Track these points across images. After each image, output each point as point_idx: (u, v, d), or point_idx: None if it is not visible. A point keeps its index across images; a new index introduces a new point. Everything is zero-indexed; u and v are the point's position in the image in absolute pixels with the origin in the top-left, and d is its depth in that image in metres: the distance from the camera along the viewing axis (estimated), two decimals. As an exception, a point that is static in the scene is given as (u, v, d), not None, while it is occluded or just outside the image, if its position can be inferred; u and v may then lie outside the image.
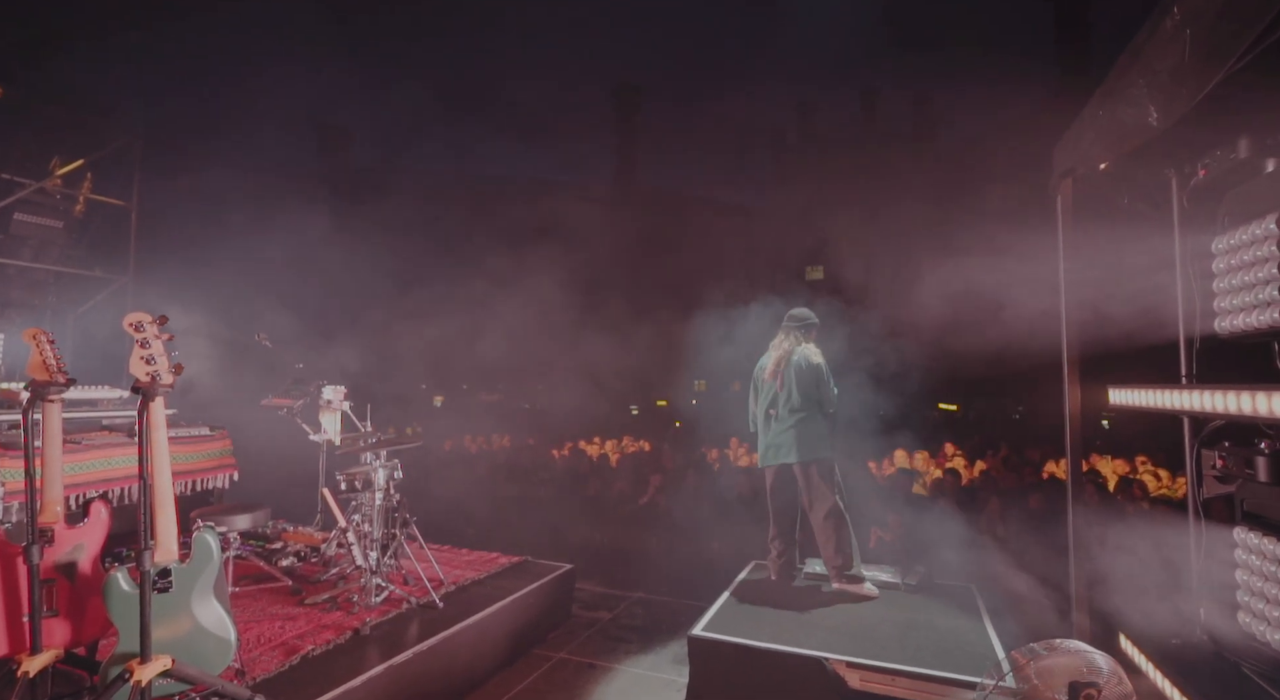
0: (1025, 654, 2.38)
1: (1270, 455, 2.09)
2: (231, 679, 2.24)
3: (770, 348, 4.06)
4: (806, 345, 3.91)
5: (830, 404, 3.85)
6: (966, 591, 3.81)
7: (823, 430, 3.81)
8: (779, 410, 3.86)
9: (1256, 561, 2.22)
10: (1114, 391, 2.94)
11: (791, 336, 3.96)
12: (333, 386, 4.38)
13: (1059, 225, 3.14)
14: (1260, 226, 2.17)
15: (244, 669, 2.38)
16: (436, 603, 3.32)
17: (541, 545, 5.60)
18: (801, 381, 3.81)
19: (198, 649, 2.00)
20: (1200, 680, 2.31)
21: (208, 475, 4.30)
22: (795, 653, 2.89)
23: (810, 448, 3.75)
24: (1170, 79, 1.88)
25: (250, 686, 2.27)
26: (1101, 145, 2.47)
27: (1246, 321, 2.28)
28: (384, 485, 3.57)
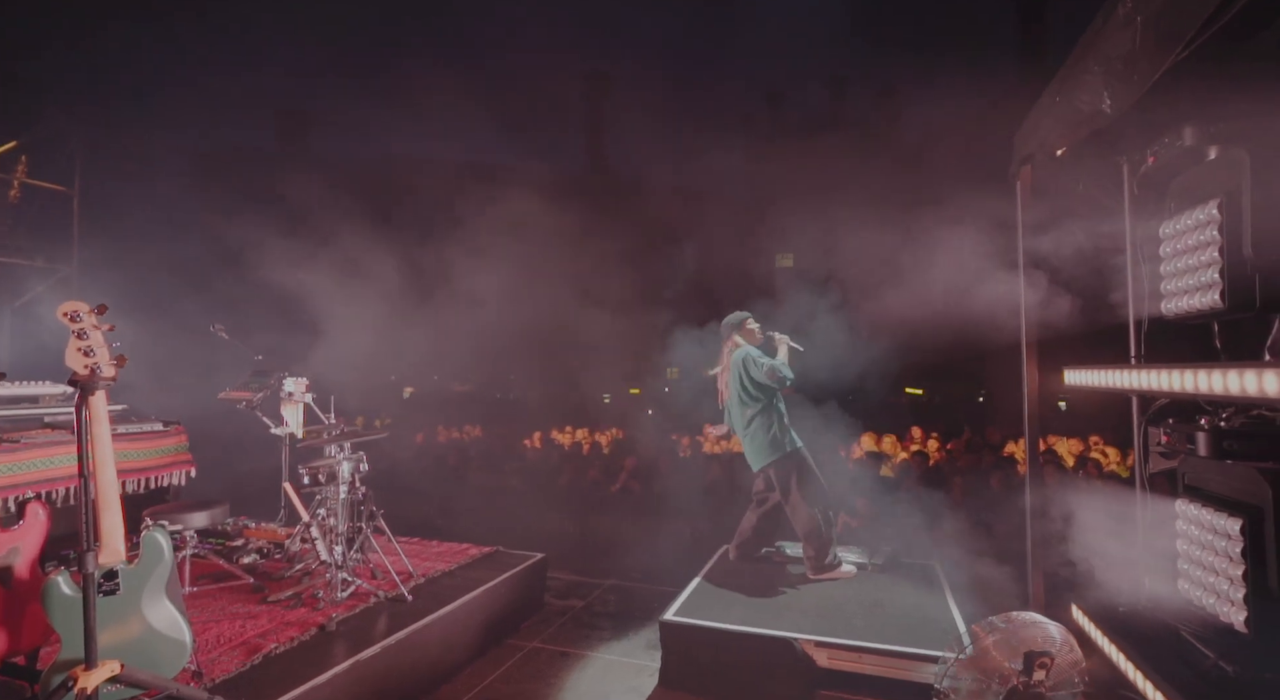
0: (984, 627, 2.46)
1: (1209, 430, 2.17)
2: (188, 681, 2.17)
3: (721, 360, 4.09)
4: (739, 347, 3.91)
5: (774, 378, 3.67)
6: (930, 569, 3.92)
7: (775, 431, 3.77)
8: (737, 418, 3.91)
9: (1195, 531, 2.33)
10: (1069, 372, 3.04)
11: (725, 345, 4.01)
12: (294, 378, 4.25)
13: (1018, 210, 3.21)
14: (1203, 211, 2.25)
15: (201, 670, 2.31)
16: (405, 596, 3.28)
17: (514, 535, 5.56)
18: (736, 386, 3.85)
19: (150, 652, 1.93)
20: (1142, 644, 2.43)
21: (162, 472, 4.15)
22: (765, 634, 2.94)
23: (763, 452, 3.79)
24: (1122, 66, 1.92)
25: (208, 688, 2.20)
26: (1058, 132, 2.52)
27: (1190, 304, 2.37)
28: (349, 478, 3.50)
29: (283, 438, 4.46)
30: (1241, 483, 2.17)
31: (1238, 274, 2.11)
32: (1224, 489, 2.28)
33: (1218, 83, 2.17)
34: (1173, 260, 2.46)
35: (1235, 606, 2.08)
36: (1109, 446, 7.50)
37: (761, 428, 3.79)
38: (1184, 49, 1.65)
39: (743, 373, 3.81)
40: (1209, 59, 1.97)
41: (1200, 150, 2.32)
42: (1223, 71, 2.09)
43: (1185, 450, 2.30)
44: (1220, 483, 2.30)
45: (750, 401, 3.81)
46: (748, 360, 3.80)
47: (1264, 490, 2.03)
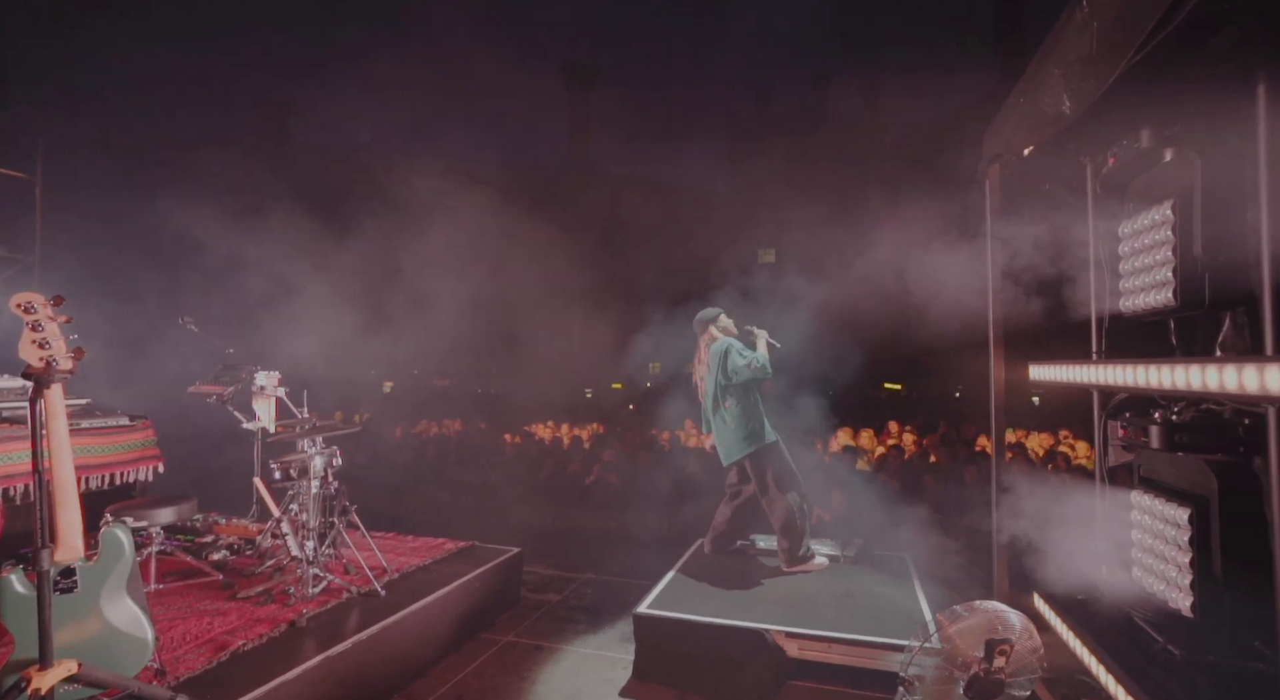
0: (948, 616, 2.52)
1: (1162, 424, 2.25)
2: (150, 680, 2.15)
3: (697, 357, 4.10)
4: (716, 340, 3.91)
5: (750, 372, 3.70)
6: (901, 561, 3.99)
7: (752, 424, 3.80)
8: (715, 412, 3.91)
9: (1148, 521, 2.40)
10: (1034, 368, 3.11)
11: (701, 340, 4.01)
12: (266, 372, 4.20)
13: (987, 208, 3.27)
14: (1158, 212, 2.32)
15: (164, 669, 2.28)
16: (378, 591, 3.26)
17: (493, 530, 5.56)
18: (713, 379, 3.85)
19: (110, 651, 1.91)
20: (1097, 630, 2.51)
21: (128, 468, 4.07)
22: (737, 626, 2.98)
23: (740, 444, 3.80)
24: (1081, 69, 1.97)
25: (172, 686, 2.18)
26: (1023, 132, 2.58)
27: (1145, 301, 2.44)
28: (321, 473, 3.47)
29: (255, 432, 4.40)
30: (1191, 474, 2.24)
31: (1189, 273, 2.18)
32: (1175, 480, 2.35)
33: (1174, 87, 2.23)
34: (1130, 259, 2.53)
35: (1182, 592, 2.16)
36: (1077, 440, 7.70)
37: (739, 420, 3.80)
38: (1136, 53, 1.69)
39: (723, 364, 3.81)
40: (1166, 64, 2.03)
41: (1156, 152, 2.39)
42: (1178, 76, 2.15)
43: (1140, 443, 2.37)
44: (1172, 474, 2.38)
45: (726, 394, 3.83)
46: (730, 351, 3.80)
47: (1210, 481, 2.10)
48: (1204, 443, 2.13)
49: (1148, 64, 1.97)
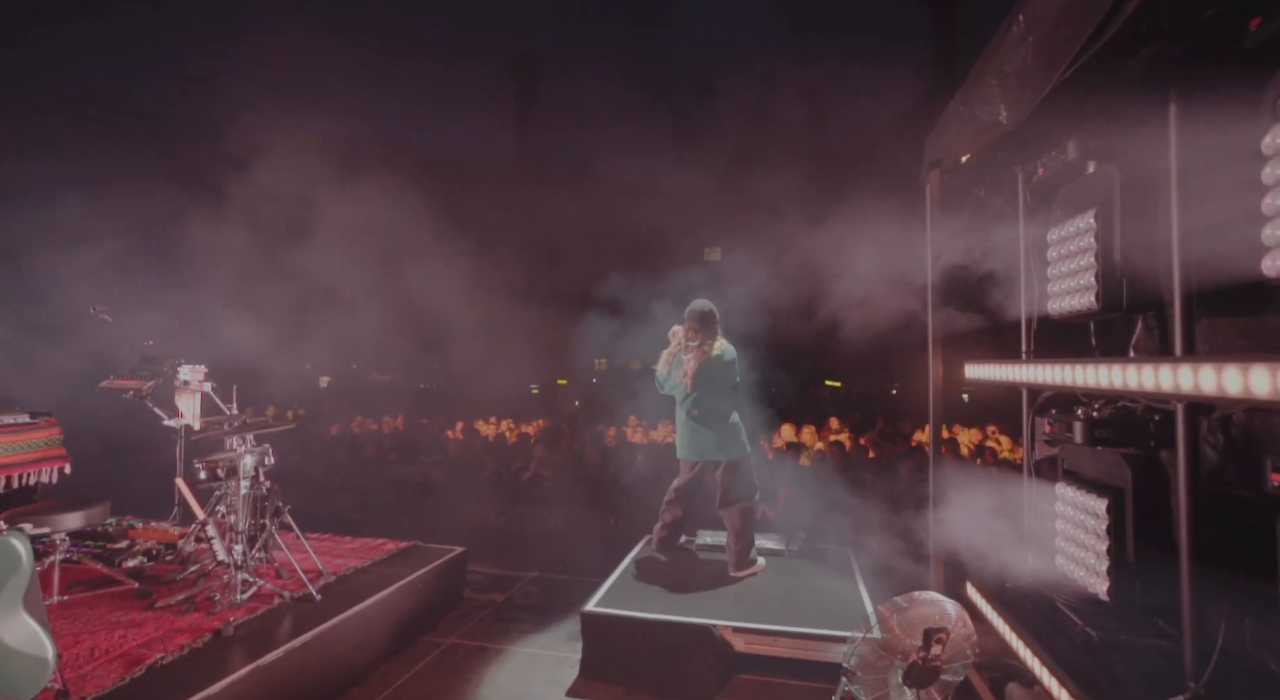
0: (889, 607, 2.60)
1: (1084, 420, 2.39)
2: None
3: (676, 340, 3.94)
4: (718, 341, 3.83)
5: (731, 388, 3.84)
6: (843, 554, 4.11)
7: (740, 426, 3.84)
8: (698, 410, 3.79)
9: (1070, 511, 2.56)
10: (970, 367, 3.26)
11: (700, 333, 3.80)
12: (191, 365, 3.93)
13: (927, 213, 3.39)
14: (1083, 220, 2.46)
15: (67, 689, 2.08)
16: (313, 595, 3.11)
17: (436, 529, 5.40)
18: (717, 381, 3.77)
19: (3, 673, 1.73)
20: (1024, 615, 2.65)
21: (29, 469, 3.73)
22: (684, 622, 3.00)
23: (733, 447, 3.76)
24: (1017, 82, 2.06)
25: (78, 706, 2.01)
26: (961, 140, 2.68)
27: (1070, 304, 2.59)
28: (252, 472, 3.28)
29: (177, 430, 4.12)
30: (1109, 467, 2.40)
31: (1109, 278, 2.32)
32: (1095, 472, 2.51)
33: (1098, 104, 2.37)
34: (1057, 264, 2.68)
35: (1100, 578, 2.30)
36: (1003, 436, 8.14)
37: (731, 426, 3.79)
38: (1067, 69, 1.78)
39: (729, 371, 3.79)
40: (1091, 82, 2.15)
41: (1081, 164, 2.53)
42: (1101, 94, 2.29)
43: (1065, 438, 2.51)
44: (1092, 467, 2.54)
45: (728, 397, 3.81)
46: (738, 367, 3.83)
47: (1125, 473, 2.25)
48: (1120, 437, 2.28)
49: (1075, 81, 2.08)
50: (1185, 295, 1.90)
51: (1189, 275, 1.91)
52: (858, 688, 2.51)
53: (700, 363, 3.76)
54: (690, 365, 3.79)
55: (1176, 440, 1.89)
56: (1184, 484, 1.85)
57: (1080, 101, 2.29)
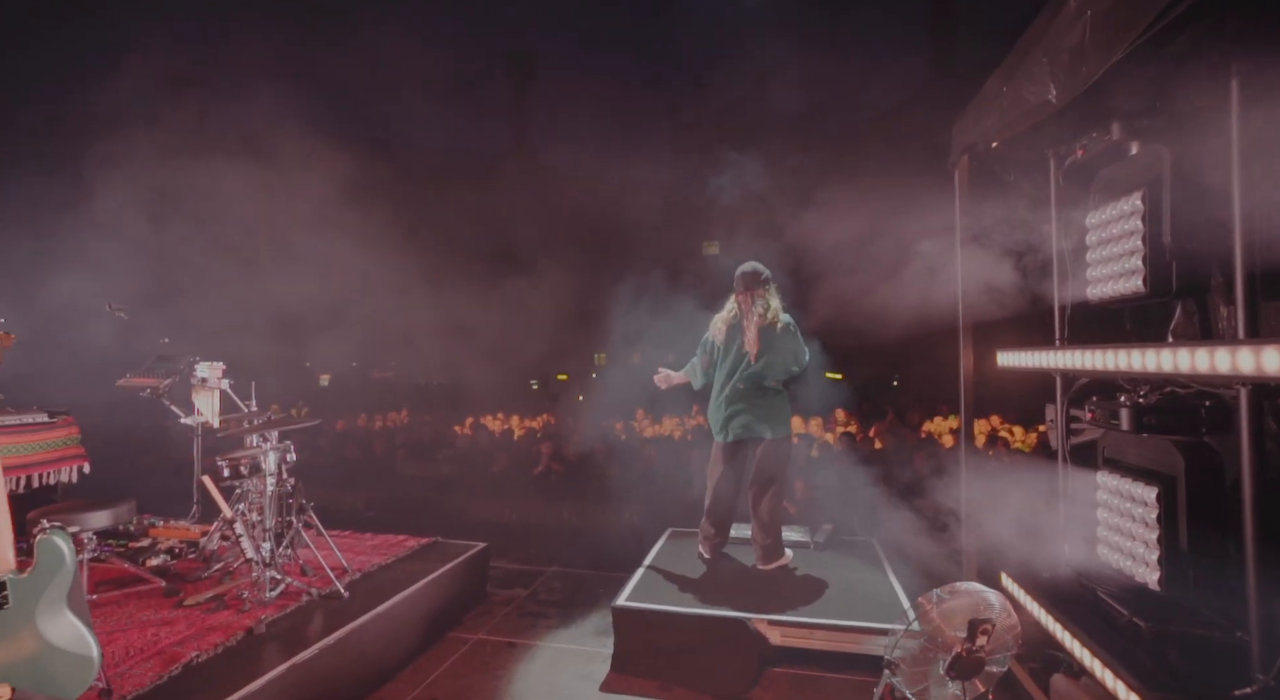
0: (929, 598, 2.57)
1: (1131, 407, 2.35)
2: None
3: (731, 311, 3.66)
4: (776, 306, 3.57)
5: (803, 364, 3.63)
6: (869, 546, 4.08)
7: (788, 403, 3.63)
8: (745, 381, 3.55)
9: (1115, 500, 2.52)
10: (1002, 355, 3.21)
11: (760, 304, 3.55)
12: (208, 363, 3.88)
13: (956, 200, 3.34)
14: (1128, 202, 2.41)
15: (110, 687, 2.06)
16: (341, 592, 3.08)
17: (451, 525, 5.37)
18: (780, 349, 3.51)
19: (48, 672, 1.69)
20: (1067, 605, 2.62)
21: (49, 468, 3.69)
22: (718, 615, 2.97)
23: (780, 424, 3.55)
24: (1069, 59, 2.01)
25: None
26: (1003, 122, 2.63)
27: (1113, 289, 2.54)
28: (275, 469, 3.24)
29: (194, 428, 4.08)
30: (1156, 454, 2.36)
31: (1158, 261, 2.27)
32: (1140, 460, 2.47)
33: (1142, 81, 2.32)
34: (1098, 248, 2.63)
35: (1150, 567, 2.27)
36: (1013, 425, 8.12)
37: (785, 399, 3.61)
38: (1133, 43, 1.73)
39: (794, 341, 3.57)
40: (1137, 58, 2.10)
41: (1125, 145, 2.48)
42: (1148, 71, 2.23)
43: (1109, 425, 2.47)
44: (1137, 455, 2.50)
45: (790, 370, 3.60)
46: (798, 329, 3.59)
47: (1177, 460, 2.21)
48: (1171, 424, 2.23)
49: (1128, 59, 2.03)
50: (1248, 276, 1.86)
51: (1251, 256, 1.87)
52: (899, 680, 2.49)
53: (760, 330, 3.51)
54: (750, 334, 3.51)
55: (1239, 425, 1.85)
56: (1248, 469, 1.81)
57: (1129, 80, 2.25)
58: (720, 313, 3.76)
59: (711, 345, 3.74)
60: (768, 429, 3.56)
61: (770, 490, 3.60)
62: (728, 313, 3.69)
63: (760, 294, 3.58)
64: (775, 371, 3.57)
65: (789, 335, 3.58)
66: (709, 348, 3.75)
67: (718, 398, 3.69)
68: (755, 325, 3.53)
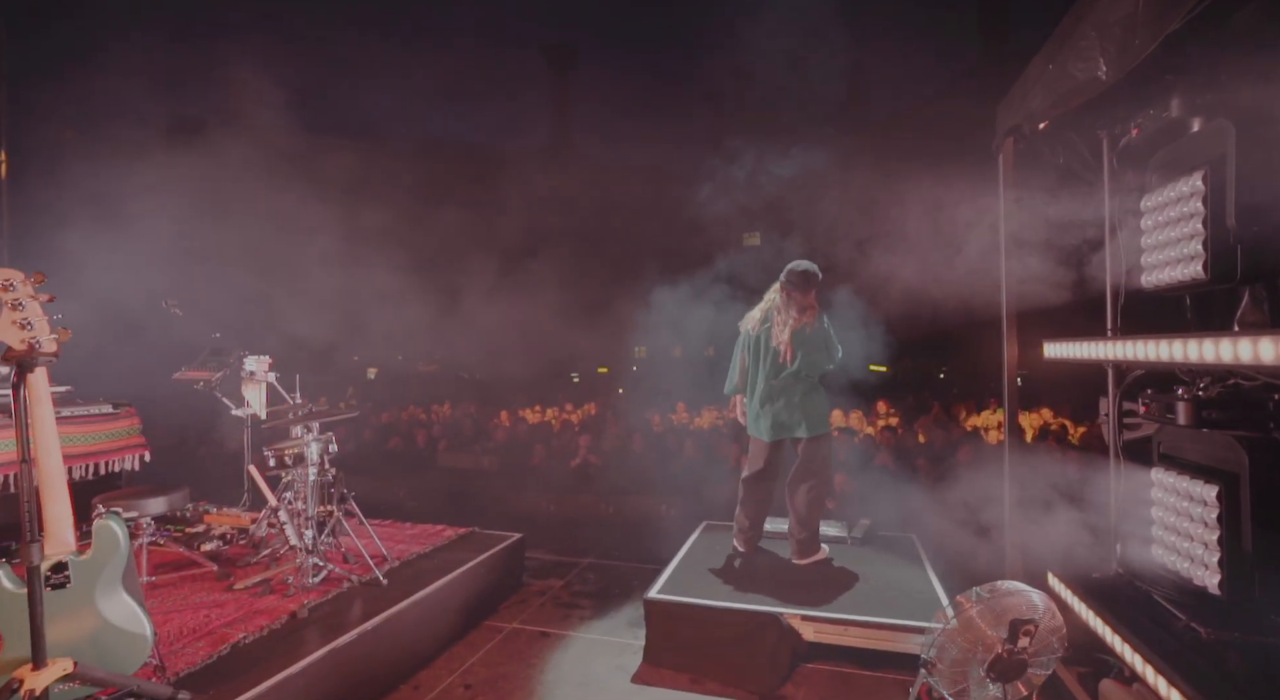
0: (969, 597, 2.49)
1: (1190, 400, 2.21)
2: (150, 676, 2.05)
3: (770, 304, 3.63)
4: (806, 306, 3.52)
5: (836, 361, 3.63)
6: (908, 542, 3.98)
7: (827, 401, 3.61)
8: (781, 380, 3.53)
9: (1172, 499, 2.38)
10: (1048, 345, 3.06)
11: (798, 298, 3.51)
12: (256, 357, 4.05)
13: (1000, 184, 3.20)
14: (1187, 183, 2.26)
15: (163, 664, 2.17)
16: (380, 579, 3.17)
17: (489, 515, 5.48)
18: (811, 346, 3.49)
19: (106, 648, 1.80)
20: (1118, 608, 2.49)
21: (113, 457, 3.91)
22: (750, 610, 2.94)
23: (818, 421, 3.53)
24: (1121, 31, 1.89)
25: (173, 682, 2.08)
26: (1049, 101, 2.50)
27: (1171, 276, 2.39)
28: (318, 460, 3.35)
29: (244, 419, 4.26)
30: (1217, 450, 2.21)
31: (1220, 245, 2.13)
32: (1200, 457, 2.33)
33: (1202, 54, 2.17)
34: (1155, 233, 2.48)
35: (1210, 570, 2.14)
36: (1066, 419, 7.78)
37: (824, 397, 3.59)
38: (1193, 10, 1.61)
39: (830, 339, 3.58)
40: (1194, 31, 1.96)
41: (1185, 122, 2.33)
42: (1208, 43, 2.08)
43: (1165, 420, 2.34)
44: (1196, 451, 2.36)
45: (823, 367, 3.58)
46: (831, 329, 3.59)
47: (1240, 457, 2.07)
48: (1233, 419, 2.10)
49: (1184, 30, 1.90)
50: (1323, 259, 1.72)
51: (1323, 238, 1.72)
52: (937, 680, 2.41)
53: (794, 333, 3.49)
54: (784, 337, 3.49)
55: (1308, 420, 1.72)
56: (1319, 468, 1.68)
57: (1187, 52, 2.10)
58: (759, 305, 3.72)
59: (747, 341, 3.71)
60: (804, 428, 3.51)
61: (808, 484, 3.55)
62: (766, 305, 3.65)
63: (805, 299, 3.52)
64: (810, 369, 3.52)
65: (821, 332, 3.54)
66: (751, 342, 3.70)
67: (754, 396, 3.66)
68: (791, 330, 3.50)
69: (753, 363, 3.67)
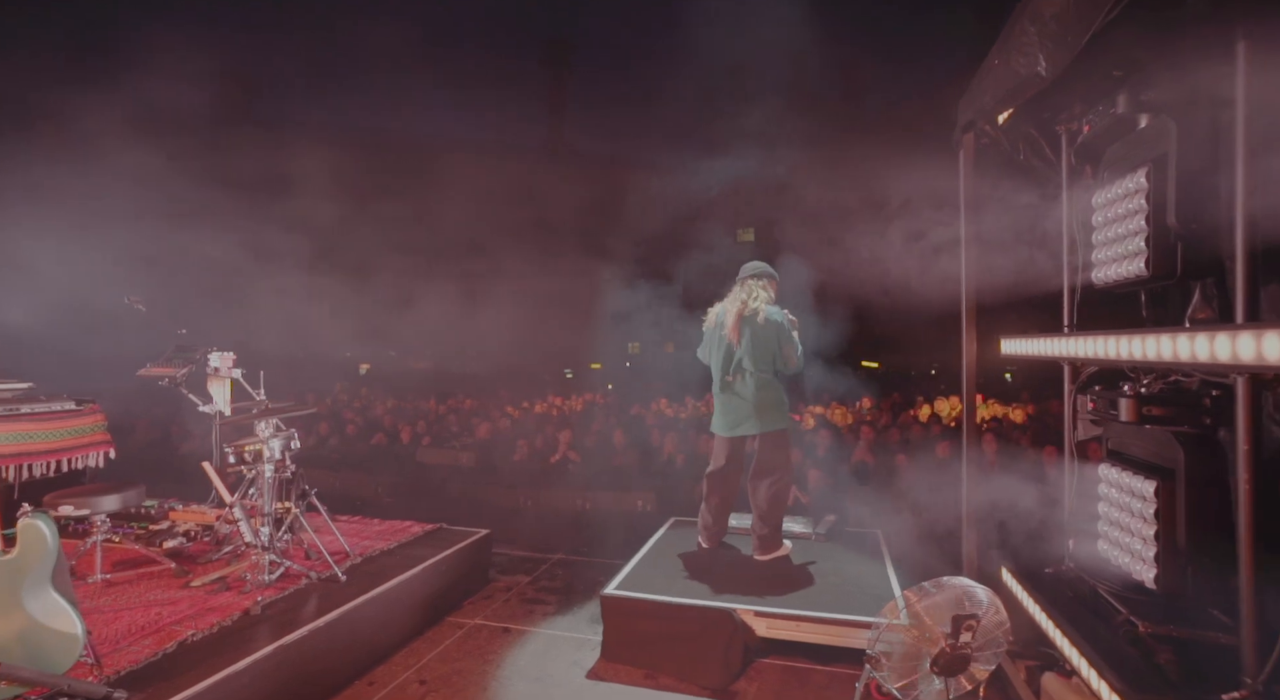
0: (916, 592, 2.50)
1: (1132, 396, 2.22)
2: (87, 675, 2.04)
3: (727, 300, 3.68)
4: (763, 299, 3.58)
5: (794, 363, 3.58)
6: (873, 538, 3.99)
7: (781, 396, 3.58)
8: (735, 375, 3.56)
9: (1115, 494, 2.39)
10: (1006, 341, 3.07)
11: (750, 290, 3.59)
12: (220, 353, 4.02)
13: (960, 179, 3.20)
14: (1132, 180, 2.26)
15: (100, 662, 2.16)
16: (339, 576, 3.16)
17: (465, 511, 5.48)
18: (761, 341, 3.51)
19: (36, 647, 1.79)
20: (1063, 602, 2.51)
21: (76, 454, 3.88)
22: (705, 606, 2.95)
23: (770, 418, 3.52)
24: (1056, 26, 1.88)
25: (110, 681, 2.07)
26: (998, 97, 2.49)
27: (1117, 272, 2.40)
28: (279, 456, 3.34)
29: (213, 416, 4.23)
30: (1158, 446, 2.23)
31: (1162, 242, 2.13)
32: (1142, 452, 2.34)
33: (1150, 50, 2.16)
34: (1104, 229, 2.48)
35: (1147, 565, 2.15)
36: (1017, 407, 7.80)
37: (777, 392, 3.57)
38: (1114, 8, 1.61)
39: (779, 336, 3.53)
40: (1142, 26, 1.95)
41: (1132, 119, 2.32)
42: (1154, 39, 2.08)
43: (1110, 417, 2.34)
44: (1140, 447, 2.37)
45: (774, 364, 3.57)
46: (785, 330, 3.55)
47: (1177, 453, 2.08)
48: (1172, 415, 2.10)
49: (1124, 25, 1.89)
50: (1249, 256, 1.72)
51: (1255, 235, 1.73)
52: (884, 675, 2.42)
53: (740, 318, 3.52)
54: (730, 318, 3.54)
55: (1237, 416, 1.72)
56: (1244, 463, 1.69)
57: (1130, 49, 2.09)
58: (719, 303, 3.76)
59: (709, 337, 3.75)
60: (757, 424, 3.53)
61: (769, 481, 3.56)
62: (720, 303, 3.71)
63: (751, 285, 3.60)
64: (757, 363, 3.52)
65: (772, 328, 3.52)
66: (710, 338, 3.74)
67: (714, 393, 3.71)
68: (737, 312, 3.55)
69: (712, 359, 3.71)
